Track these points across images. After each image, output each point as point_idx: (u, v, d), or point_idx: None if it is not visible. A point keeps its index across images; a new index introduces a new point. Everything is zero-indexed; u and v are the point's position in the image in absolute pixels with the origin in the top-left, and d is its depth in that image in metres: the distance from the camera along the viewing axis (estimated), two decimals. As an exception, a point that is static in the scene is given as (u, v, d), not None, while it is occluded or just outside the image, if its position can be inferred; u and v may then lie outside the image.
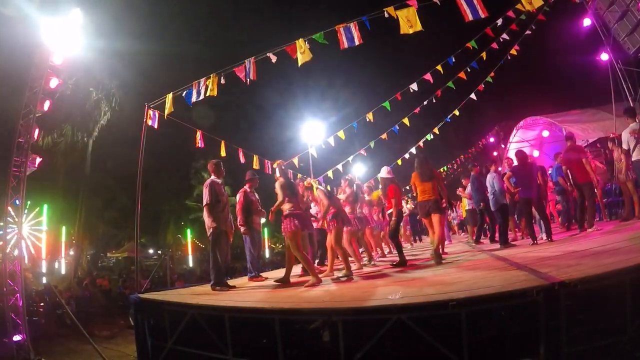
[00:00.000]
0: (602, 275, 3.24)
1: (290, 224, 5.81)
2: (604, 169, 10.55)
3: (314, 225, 7.70)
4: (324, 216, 6.80)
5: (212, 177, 6.66)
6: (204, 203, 6.36)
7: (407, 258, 7.37)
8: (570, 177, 8.43)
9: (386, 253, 10.59)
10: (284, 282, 6.20)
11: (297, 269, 7.01)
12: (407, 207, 12.98)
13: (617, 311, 3.15)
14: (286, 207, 5.94)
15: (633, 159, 7.12)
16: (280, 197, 5.98)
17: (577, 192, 8.12)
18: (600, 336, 3.10)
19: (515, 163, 8.02)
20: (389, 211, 8.30)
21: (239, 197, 7.46)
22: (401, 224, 10.11)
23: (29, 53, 9.72)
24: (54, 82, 9.55)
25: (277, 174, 6.36)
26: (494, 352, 3.20)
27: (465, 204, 11.46)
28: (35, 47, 9.41)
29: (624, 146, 7.32)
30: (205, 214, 6.41)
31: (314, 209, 8.25)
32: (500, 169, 8.80)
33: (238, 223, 7.28)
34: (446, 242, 10.05)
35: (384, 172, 7.78)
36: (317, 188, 7.32)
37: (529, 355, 3.10)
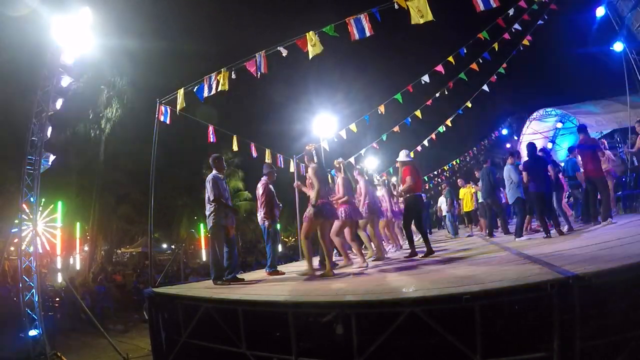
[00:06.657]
0: (617, 270, 3.19)
1: (310, 212, 5.67)
2: (618, 160, 10.40)
3: None
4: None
5: (214, 172, 6.47)
6: (211, 198, 6.19)
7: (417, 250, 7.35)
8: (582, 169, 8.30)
9: (402, 245, 10.53)
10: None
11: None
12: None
13: (632, 306, 3.11)
14: (312, 195, 5.72)
15: None
16: (316, 186, 5.69)
17: (588, 185, 8.02)
18: (614, 331, 3.06)
19: (525, 157, 7.93)
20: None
21: (262, 189, 7.22)
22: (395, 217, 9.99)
23: (40, 52, 9.83)
24: (65, 81, 9.64)
25: (308, 159, 6.18)
26: (508, 346, 3.19)
27: (479, 197, 11.42)
28: (46, 46, 9.49)
29: None
30: (207, 209, 6.28)
31: None
32: (513, 163, 8.63)
33: (263, 215, 7.10)
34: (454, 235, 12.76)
35: (402, 156, 7.54)
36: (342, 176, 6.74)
37: (543, 349, 3.08)
